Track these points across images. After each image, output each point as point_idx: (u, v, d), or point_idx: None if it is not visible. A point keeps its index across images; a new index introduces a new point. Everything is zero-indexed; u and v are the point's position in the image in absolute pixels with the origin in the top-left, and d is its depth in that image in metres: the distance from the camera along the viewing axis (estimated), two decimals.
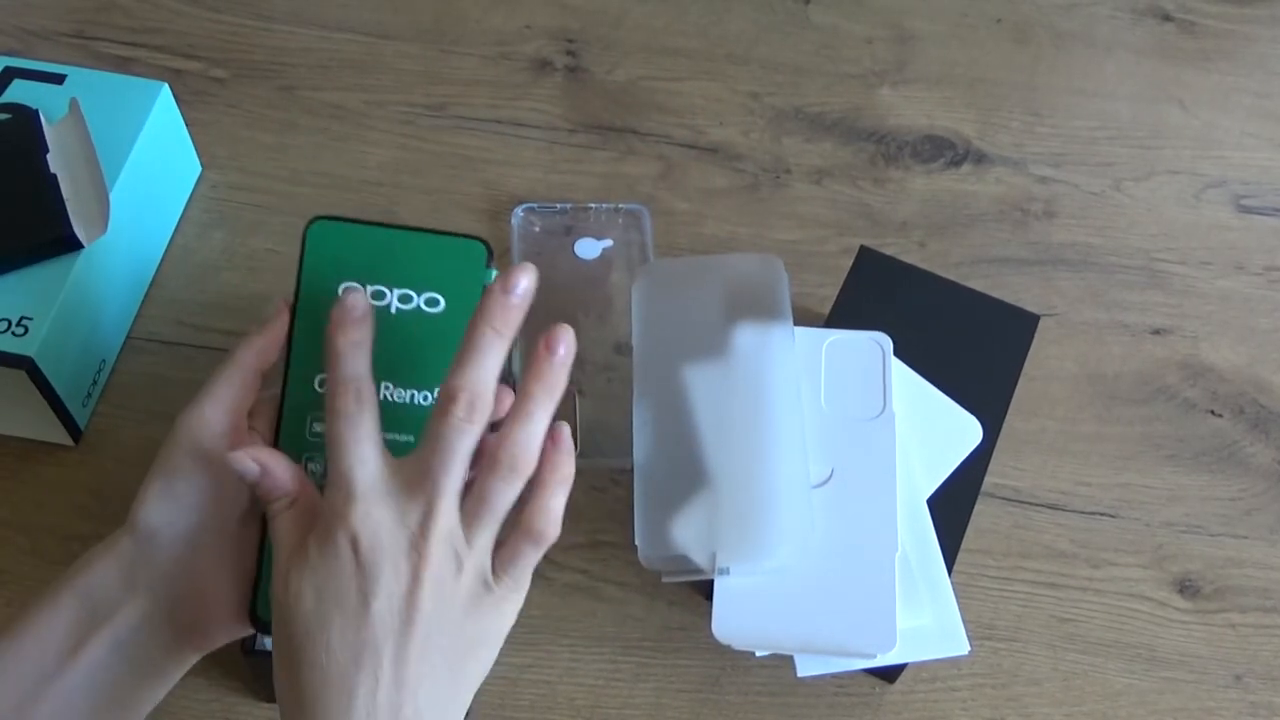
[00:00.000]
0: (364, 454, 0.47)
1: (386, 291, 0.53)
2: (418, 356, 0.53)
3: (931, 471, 0.67)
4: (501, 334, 0.48)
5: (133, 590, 0.49)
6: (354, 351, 0.49)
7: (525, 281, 0.49)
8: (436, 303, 0.53)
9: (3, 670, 0.48)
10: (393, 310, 0.53)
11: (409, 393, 0.52)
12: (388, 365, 0.51)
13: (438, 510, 0.46)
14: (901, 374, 0.69)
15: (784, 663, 0.63)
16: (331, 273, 0.53)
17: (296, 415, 0.52)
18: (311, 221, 0.54)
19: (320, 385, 0.52)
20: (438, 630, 0.46)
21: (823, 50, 0.95)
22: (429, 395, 0.52)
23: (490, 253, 0.54)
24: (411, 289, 0.53)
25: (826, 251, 0.83)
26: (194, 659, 0.52)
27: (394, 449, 0.50)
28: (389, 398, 0.52)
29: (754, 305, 0.69)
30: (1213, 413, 0.78)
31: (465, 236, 0.54)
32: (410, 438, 0.51)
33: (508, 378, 0.72)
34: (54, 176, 0.70)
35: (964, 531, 0.66)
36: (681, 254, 0.82)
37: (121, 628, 0.49)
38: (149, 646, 0.50)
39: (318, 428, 0.52)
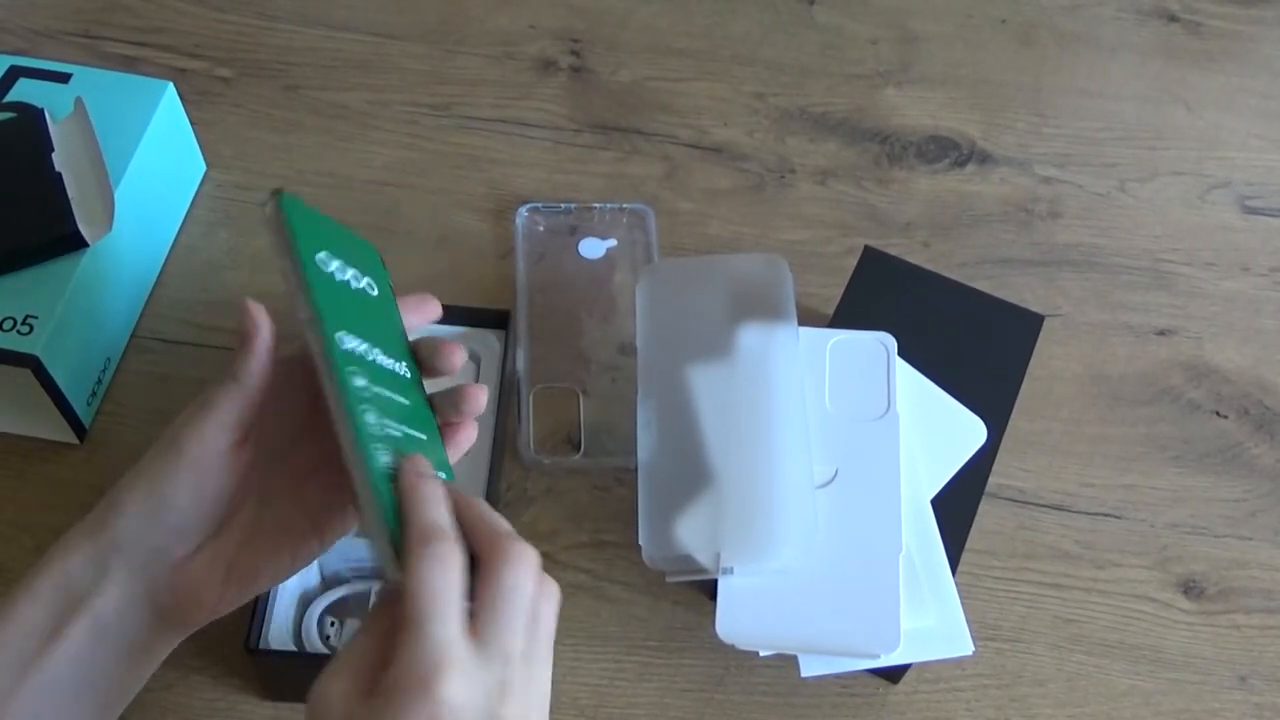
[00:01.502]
0: (449, 614, 0.43)
1: (348, 270, 0.52)
2: (384, 329, 0.52)
3: (936, 472, 0.67)
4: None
5: (111, 575, 0.49)
6: (434, 496, 0.46)
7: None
8: (373, 287, 0.53)
9: None
10: (352, 286, 0.52)
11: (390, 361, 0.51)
12: (373, 334, 0.51)
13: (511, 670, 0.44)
14: (906, 374, 0.69)
15: (788, 663, 0.63)
16: (310, 245, 0.51)
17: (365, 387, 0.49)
18: (279, 194, 0.50)
19: (369, 353, 0.50)
20: None
21: (827, 51, 0.95)
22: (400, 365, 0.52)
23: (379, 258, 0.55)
24: (355, 269, 0.53)
25: (831, 252, 0.83)
26: (177, 639, 0.52)
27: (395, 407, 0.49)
28: (378, 361, 0.50)
29: (758, 305, 0.69)
30: (1217, 414, 0.78)
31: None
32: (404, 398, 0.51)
33: (511, 377, 0.72)
34: (59, 175, 0.71)
35: (968, 532, 0.66)
36: (686, 254, 0.82)
37: (101, 611, 0.49)
38: (130, 628, 0.50)
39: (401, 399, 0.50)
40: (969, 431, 0.68)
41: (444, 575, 0.43)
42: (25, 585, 0.49)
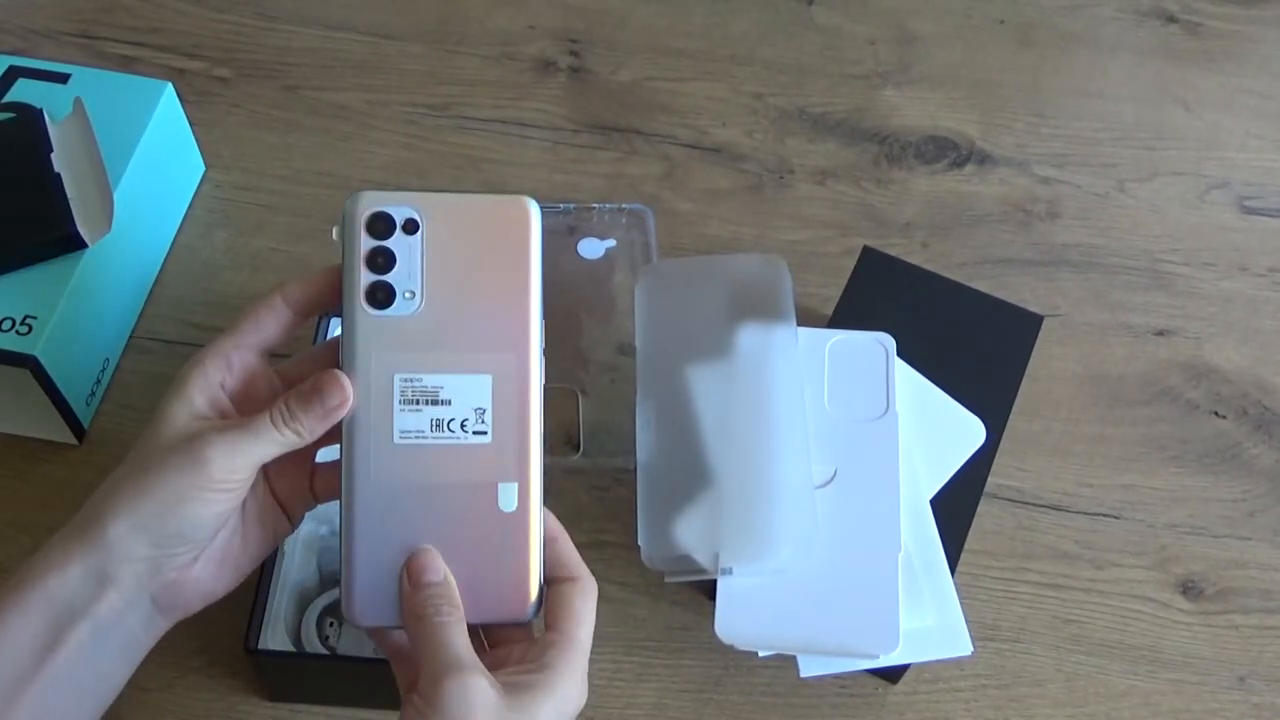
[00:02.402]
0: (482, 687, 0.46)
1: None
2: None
3: (934, 472, 0.67)
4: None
5: (114, 584, 0.48)
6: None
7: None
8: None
9: None
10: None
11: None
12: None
13: None
14: (905, 374, 0.69)
15: (787, 663, 0.63)
16: None
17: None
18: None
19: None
20: None
21: (826, 51, 0.95)
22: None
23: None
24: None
25: (830, 252, 0.83)
26: (170, 625, 0.52)
27: None
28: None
29: (757, 306, 0.69)
30: (1216, 414, 0.78)
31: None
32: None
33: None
34: (58, 176, 0.70)
35: (967, 532, 0.66)
36: (685, 254, 0.82)
37: (101, 617, 0.48)
38: (131, 628, 0.50)
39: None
40: (968, 432, 0.68)
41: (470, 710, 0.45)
42: (16, 599, 0.48)
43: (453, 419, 0.50)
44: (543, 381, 0.51)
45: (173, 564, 0.49)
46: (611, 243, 0.81)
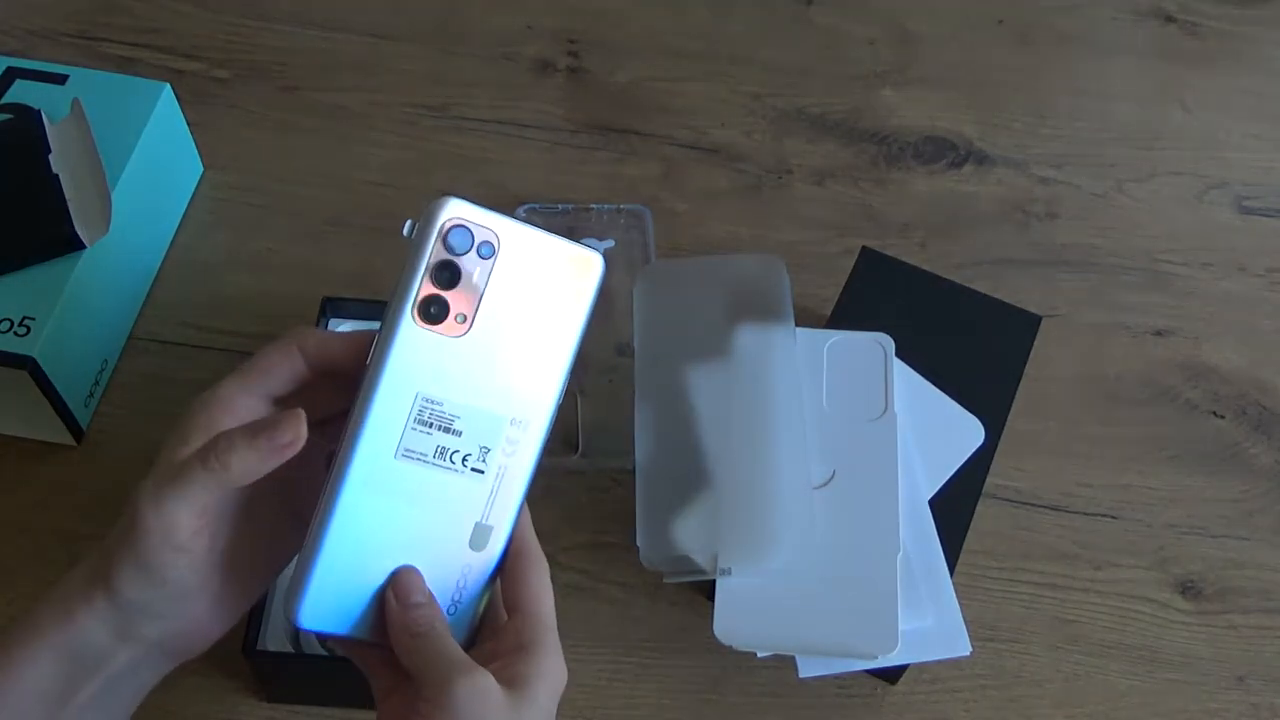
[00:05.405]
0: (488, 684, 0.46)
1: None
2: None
3: (933, 472, 0.67)
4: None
5: (127, 639, 0.48)
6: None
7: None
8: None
9: None
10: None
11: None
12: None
13: None
14: (903, 375, 0.69)
15: (786, 663, 0.63)
16: None
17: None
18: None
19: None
20: None
21: (824, 51, 0.95)
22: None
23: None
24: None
25: (828, 252, 0.83)
26: (175, 666, 0.52)
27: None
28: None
29: (755, 306, 0.69)
30: (1215, 414, 0.78)
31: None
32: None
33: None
34: (56, 177, 0.70)
35: (966, 532, 0.66)
36: (683, 255, 0.82)
37: (116, 668, 0.48)
38: (142, 674, 0.50)
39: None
40: (967, 432, 0.68)
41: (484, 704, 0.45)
42: (27, 652, 0.47)
43: (456, 451, 0.49)
44: (547, 436, 0.50)
45: (177, 612, 0.48)
46: (610, 243, 0.81)
